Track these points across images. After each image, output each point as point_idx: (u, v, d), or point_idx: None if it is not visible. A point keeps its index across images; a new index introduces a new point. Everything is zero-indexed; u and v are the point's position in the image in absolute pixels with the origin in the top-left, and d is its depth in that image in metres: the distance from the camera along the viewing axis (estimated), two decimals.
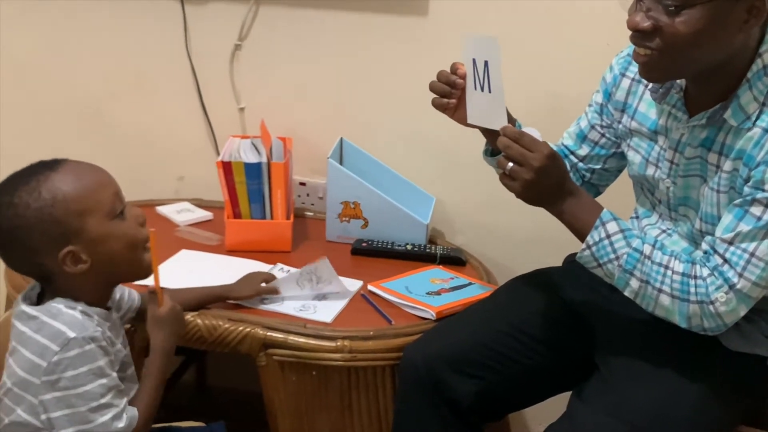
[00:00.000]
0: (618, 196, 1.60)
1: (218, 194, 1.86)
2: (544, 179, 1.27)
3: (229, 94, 2.10)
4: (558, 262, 1.64)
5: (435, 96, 1.45)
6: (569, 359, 1.48)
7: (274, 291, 1.59)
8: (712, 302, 1.23)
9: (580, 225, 1.30)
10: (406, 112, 1.99)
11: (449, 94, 1.43)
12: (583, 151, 1.54)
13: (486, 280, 1.76)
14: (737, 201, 1.24)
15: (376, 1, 1.94)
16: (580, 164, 1.55)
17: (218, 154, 2.01)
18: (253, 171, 1.80)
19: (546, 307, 1.49)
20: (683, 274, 1.25)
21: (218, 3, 2.04)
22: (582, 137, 1.54)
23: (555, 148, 1.54)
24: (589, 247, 1.28)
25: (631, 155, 1.45)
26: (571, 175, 1.55)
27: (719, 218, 1.29)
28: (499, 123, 1.32)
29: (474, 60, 1.36)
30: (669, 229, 1.42)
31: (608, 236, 1.27)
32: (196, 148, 2.15)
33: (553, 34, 1.86)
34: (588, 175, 1.56)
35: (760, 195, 1.21)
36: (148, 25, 2.08)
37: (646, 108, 1.41)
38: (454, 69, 1.43)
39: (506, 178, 1.30)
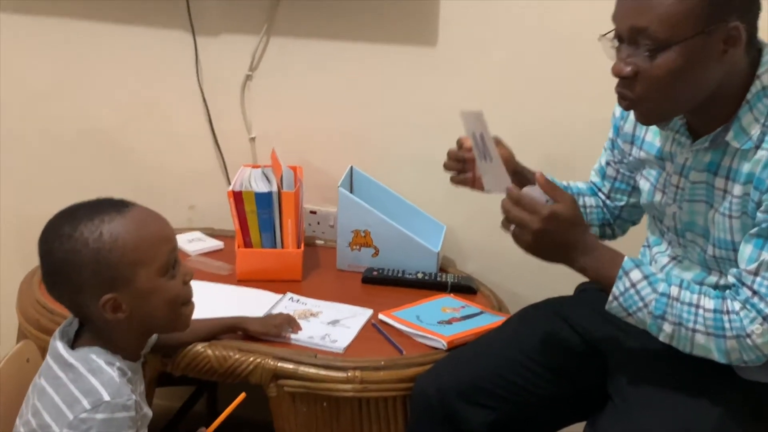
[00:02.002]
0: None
1: (230, 223, 1.87)
2: (545, 240, 1.26)
3: (240, 124, 2.11)
4: (569, 289, 1.64)
5: (452, 174, 1.49)
6: (582, 389, 1.47)
7: (282, 336, 1.56)
8: (748, 335, 1.22)
9: (603, 278, 1.29)
10: (416, 140, 2.00)
11: (462, 169, 1.46)
12: (606, 188, 1.56)
13: (497, 308, 1.75)
14: (753, 231, 1.23)
15: (386, 32, 1.96)
16: (608, 202, 1.57)
17: (230, 183, 2.02)
18: (263, 200, 1.80)
19: (558, 336, 1.48)
20: (715, 311, 1.24)
21: (229, 34, 2.06)
22: (603, 174, 1.56)
23: (584, 188, 1.58)
24: (615, 298, 1.27)
25: (642, 184, 1.45)
26: (605, 212, 1.57)
27: (733, 243, 1.28)
28: (503, 187, 1.33)
29: (473, 133, 1.38)
30: (679, 255, 1.42)
31: (633, 285, 1.26)
32: (208, 177, 2.16)
33: (564, 62, 1.86)
34: (617, 212, 1.57)
35: None
36: (160, 56, 2.10)
37: (652, 137, 1.41)
38: (459, 144, 1.46)
39: (515, 237, 1.30)
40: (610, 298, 1.28)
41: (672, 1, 1.16)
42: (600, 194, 1.57)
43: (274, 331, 1.55)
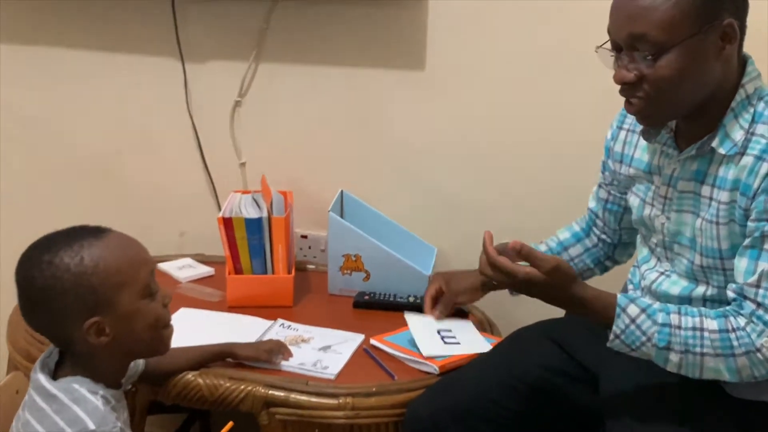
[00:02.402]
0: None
1: (221, 249, 1.86)
2: (532, 293, 1.33)
3: (230, 150, 2.11)
4: (561, 311, 1.63)
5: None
6: (575, 411, 1.46)
7: (272, 362, 1.55)
8: (758, 350, 1.22)
9: (602, 320, 1.29)
10: (405, 163, 2.01)
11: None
12: (600, 211, 1.58)
13: (489, 331, 1.75)
14: (746, 242, 1.24)
15: (374, 56, 1.97)
16: (605, 228, 1.59)
17: (220, 209, 2.02)
18: (253, 226, 1.80)
19: (550, 358, 1.48)
20: (720, 331, 1.24)
21: (218, 60, 2.07)
22: (597, 198, 1.59)
23: (569, 237, 1.62)
24: (617, 336, 1.28)
25: (632, 200, 1.47)
26: (599, 249, 1.61)
27: (720, 251, 1.30)
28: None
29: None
30: (667, 270, 1.42)
31: (632, 321, 1.27)
32: (198, 203, 2.16)
33: (552, 84, 1.87)
34: (616, 238, 1.59)
35: (767, 228, 1.22)
36: (150, 83, 2.11)
37: (640, 153, 1.44)
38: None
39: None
40: (611, 336, 1.28)
41: (666, 6, 1.20)
42: (598, 221, 1.59)
43: (264, 356, 1.54)
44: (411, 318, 1.68)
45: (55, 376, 1.20)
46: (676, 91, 1.25)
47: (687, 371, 1.27)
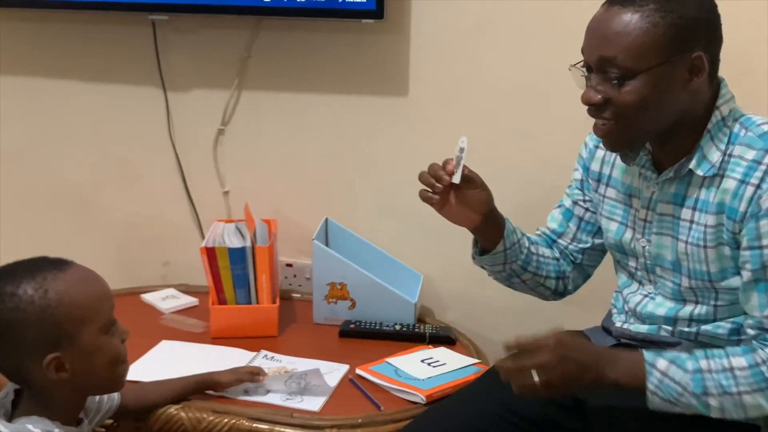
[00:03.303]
0: (604, 269, 1.59)
1: (205, 279, 1.84)
2: (569, 367, 1.24)
3: (214, 178, 2.10)
4: None
5: (423, 187, 1.44)
6: None
7: (257, 380, 1.54)
8: None
9: (634, 379, 1.26)
10: (390, 190, 2.00)
11: (434, 187, 1.42)
12: (571, 230, 1.55)
13: (477, 359, 1.73)
14: (748, 277, 1.24)
15: (357, 83, 1.97)
16: (570, 246, 1.56)
17: (203, 238, 2.00)
18: (237, 256, 1.78)
19: None
20: (750, 366, 1.23)
21: (200, 89, 2.06)
22: (569, 216, 1.55)
23: (538, 239, 1.57)
24: (654, 393, 1.25)
25: (606, 224, 1.46)
26: (560, 263, 1.56)
27: (709, 274, 1.30)
28: None
29: (458, 154, 1.41)
30: (651, 293, 1.42)
31: (664, 374, 1.25)
32: (182, 232, 2.14)
33: (533, 110, 1.88)
34: (579, 256, 1.56)
35: (766, 256, 1.21)
36: (132, 112, 2.10)
37: (620, 174, 1.44)
38: (444, 164, 1.43)
39: (542, 387, 1.24)
40: (648, 395, 1.25)
41: (638, 33, 1.22)
42: (560, 241, 1.56)
43: (247, 376, 1.53)
44: (393, 359, 1.67)
45: (12, 416, 1.17)
46: (638, 117, 1.26)
47: (731, 413, 1.24)
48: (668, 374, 1.25)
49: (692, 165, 1.29)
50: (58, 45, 2.10)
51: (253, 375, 1.54)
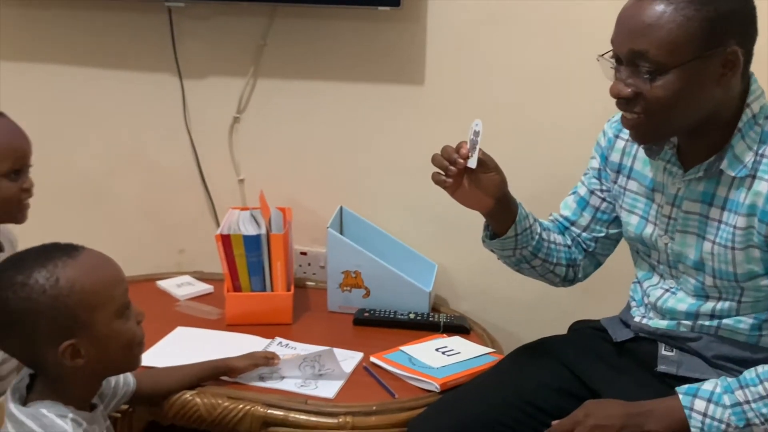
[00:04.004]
0: (619, 257, 1.58)
1: (220, 266, 1.85)
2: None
3: (229, 166, 2.10)
4: (562, 325, 1.61)
5: (436, 170, 1.42)
6: None
7: (272, 363, 1.54)
8: None
9: (675, 424, 1.26)
10: (405, 178, 1.99)
11: (447, 170, 1.40)
12: (585, 219, 1.53)
13: (491, 348, 1.73)
14: None
15: (373, 71, 1.96)
16: (584, 234, 1.54)
17: (218, 225, 2.01)
18: (252, 243, 1.78)
19: (553, 377, 1.45)
20: None
21: (216, 77, 2.06)
22: (583, 204, 1.53)
23: (550, 225, 1.55)
24: None
25: (626, 216, 1.44)
26: (572, 251, 1.54)
27: (735, 275, 1.28)
28: None
29: (471, 137, 1.39)
30: (672, 287, 1.40)
31: (705, 415, 1.24)
32: (197, 220, 2.14)
33: (550, 100, 1.87)
34: (592, 245, 1.54)
35: None
36: (147, 100, 2.10)
37: (642, 166, 1.41)
38: (457, 148, 1.41)
39: None
40: None
41: (671, 26, 1.18)
42: (573, 228, 1.54)
43: (262, 361, 1.53)
44: (408, 347, 1.67)
45: (26, 400, 1.18)
46: (669, 112, 1.23)
47: None
48: (708, 414, 1.24)
49: (723, 165, 1.26)
50: (74, 32, 2.10)
51: (267, 359, 1.54)
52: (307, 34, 1.97)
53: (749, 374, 1.26)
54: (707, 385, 1.27)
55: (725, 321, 1.33)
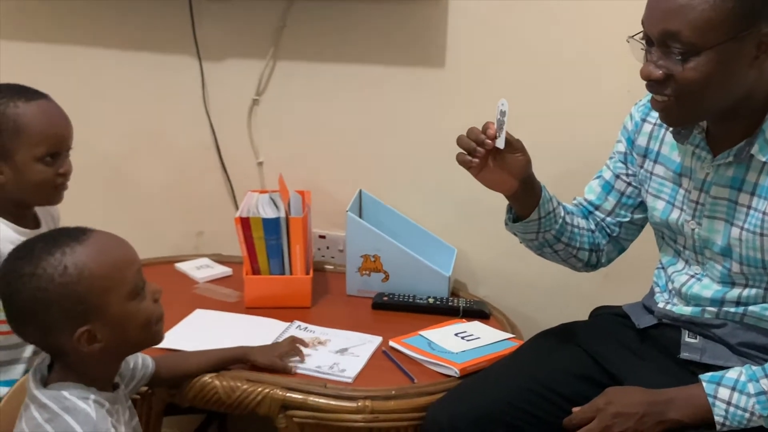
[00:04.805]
0: (641, 242, 1.56)
1: (238, 249, 1.84)
2: (628, 420, 1.26)
3: (248, 149, 2.10)
4: (583, 310, 1.60)
5: (461, 151, 1.40)
6: None
7: (288, 371, 1.51)
8: None
9: (698, 412, 1.25)
10: (425, 162, 1.98)
11: (474, 151, 1.39)
12: (610, 203, 1.51)
13: (511, 333, 1.71)
14: None
15: (393, 54, 1.94)
16: (608, 219, 1.52)
17: (237, 208, 2.00)
18: (271, 226, 1.78)
19: (573, 362, 1.44)
20: None
21: (235, 59, 2.05)
22: (608, 189, 1.51)
23: (574, 209, 1.53)
24: (723, 424, 1.24)
25: (651, 201, 1.43)
26: (595, 235, 1.52)
27: (763, 262, 1.27)
28: None
29: (499, 118, 1.37)
30: (698, 273, 1.38)
31: (729, 404, 1.23)
32: (216, 203, 2.14)
33: (573, 82, 1.84)
34: (616, 230, 1.52)
35: None
36: (166, 82, 2.10)
37: (669, 151, 1.39)
38: (484, 128, 1.39)
39: None
40: (718, 427, 1.24)
41: (704, 7, 1.16)
42: (597, 213, 1.52)
43: (279, 364, 1.51)
44: (427, 332, 1.66)
45: (48, 380, 1.17)
46: (701, 95, 1.21)
47: None
48: (732, 402, 1.23)
49: (754, 150, 1.24)
50: (93, 14, 2.09)
51: (286, 365, 1.51)
52: (326, 16, 1.95)
53: (700, 291, 1.25)
54: (731, 373, 1.26)
55: (751, 308, 1.32)
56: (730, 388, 1.23)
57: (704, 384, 1.25)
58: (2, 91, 1.44)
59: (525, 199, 1.43)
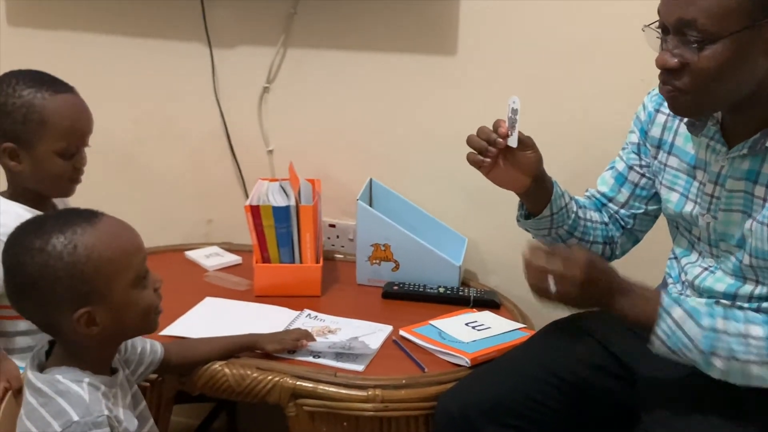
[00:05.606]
0: (653, 233, 1.55)
1: (248, 237, 1.84)
2: (590, 290, 1.25)
3: (258, 137, 2.09)
4: None
5: (471, 151, 1.39)
6: (610, 406, 1.42)
7: (301, 346, 1.52)
8: None
9: (642, 317, 1.24)
10: (435, 151, 1.97)
11: (485, 151, 1.37)
12: (623, 195, 1.50)
13: (522, 323, 1.71)
14: None
15: (404, 41, 1.93)
16: (622, 211, 1.51)
17: (247, 196, 2.00)
18: (281, 214, 1.77)
19: (585, 352, 1.44)
20: (766, 338, 1.20)
21: (246, 46, 2.04)
22: (622, 180, 1.50)
23: (587, 202, 1.52)
24: (661, 340, 1.23)
25: (665, 193, 1.41)
26: (609, 228, 1.52)
27: None
28: None
29: (510, 115, 1.36)
30: (711, 266, 1.37)
31: (677, 324, 1.22)
32: (226, 190, 2.14)
33: (586, 72, 1.82)
34: (630, 221, 1.51)
35: None
36: (177, 69, 2.09)
37: (683, 142, 1.38)
38: (495, 127, 1.37)
39: (558, 295, 1.26)
40: (653, 338, 1.23)
41: None
42: (611, 205, 1.51)
43: (290, 344, 1.51)
44: (437, 321, 1.65)
45: (45, 366, 1.18)
46: (715, 84, 1.19)
47: (733, 378, 1.22)
48: (681, 326, 1.21)
49: None
50: (104, 1, 2.08)
51: (297, 343, 1.51)
52: (337, 3, 1.94)
53: (740, 311, 1.24)
54: (695, 303, 1.25)
55: (765, 305, 1.30)
56: (686, 312, 1.22)
57: (663, 296, 1.23)
58: (30, 79, 1.43)
59: (537, 196, 1.43)
